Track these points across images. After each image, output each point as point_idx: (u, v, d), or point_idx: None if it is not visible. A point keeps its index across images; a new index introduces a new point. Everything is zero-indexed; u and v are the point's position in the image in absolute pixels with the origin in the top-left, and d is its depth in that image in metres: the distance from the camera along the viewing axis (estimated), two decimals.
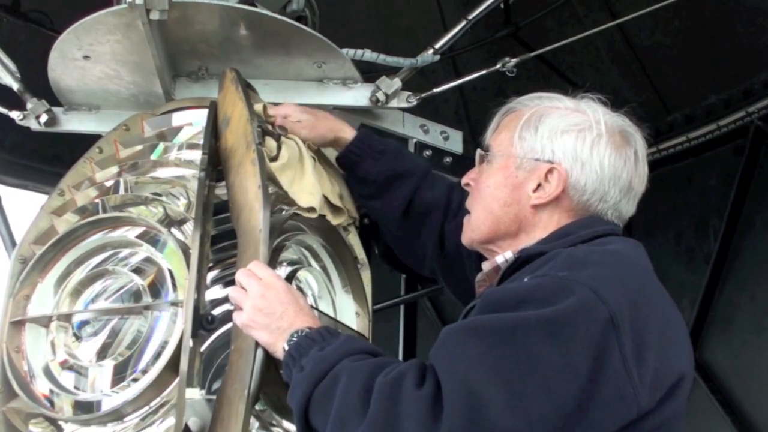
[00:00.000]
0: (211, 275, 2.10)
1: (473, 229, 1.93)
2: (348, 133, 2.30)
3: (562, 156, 1.81)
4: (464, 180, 2.01)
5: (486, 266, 1.93)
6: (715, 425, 4.25)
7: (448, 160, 2.61)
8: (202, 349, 2.00)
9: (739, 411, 4.23)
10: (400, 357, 5.01)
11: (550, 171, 1.81)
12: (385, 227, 2.35)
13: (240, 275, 1.84)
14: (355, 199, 2.37)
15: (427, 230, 2.26)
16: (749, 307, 4.28)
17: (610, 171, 1.81)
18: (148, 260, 2.09)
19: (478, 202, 1.93)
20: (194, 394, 1.87)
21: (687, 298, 4.38)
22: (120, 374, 1.98)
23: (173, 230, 2.10)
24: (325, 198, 2.20)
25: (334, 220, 2.23)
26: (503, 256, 1.86)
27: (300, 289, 2.20)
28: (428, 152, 2.60)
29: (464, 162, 2.60)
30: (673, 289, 1.79)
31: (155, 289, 2.04)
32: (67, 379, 2.03)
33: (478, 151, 1.97)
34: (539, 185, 1.83)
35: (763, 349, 4.18)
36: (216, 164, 2.17)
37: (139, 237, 2.11)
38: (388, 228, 2.34)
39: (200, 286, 1.99)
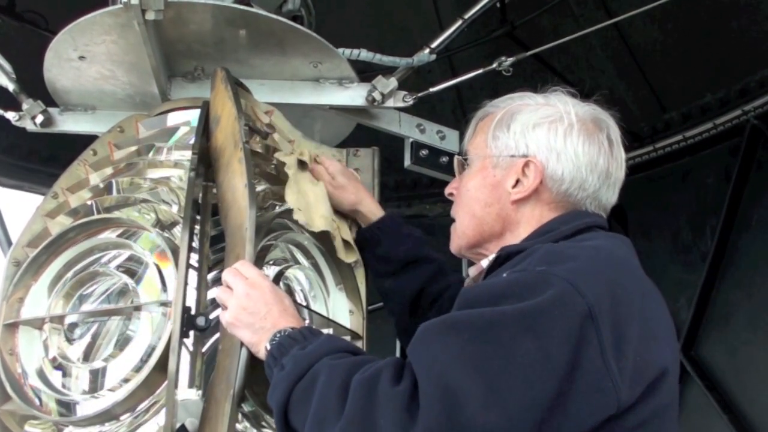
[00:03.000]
0: (211, 276, 2.09)
1: (459, 235, 1.94)
2: (373, 209, 2.27)
3: (536, 149, 1.83)
4: (447, 190, 2.03)
5: (472, 271, 1.94)
6: (712, 423, 4.25)
7: (445, 159, 2.61)
8: (204, 349, 2.00)
9: (736, 409, 4.24)
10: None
11: (526, 165, 1.83)
12: (392, 306, 2.31)
13: (226, 274, 1.84)
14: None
15: (432, 315, 2.24)
16: (746, 305, 4.28)
17: (586, 158, 1.82)
18: (139, 261, 2.09)
19: (460, 207, 1.95)
20: (191, 394, 1.87)
21: (684, 296, 4.39)
22: (111, 375, 1.98)
23: (167, 231, 2.10)
24: (343, 238, 2.18)
25: (347, 258, 2.20)
26: (488, 258, 1.86)
27: (289, 287, 2.20)
28: (425, 152, 2.59)
29: None
30: (669, 287, 1.80)
31: (147, 289, 2.04)
32: (61, 380, 2.03)
33: (457, 158, 2.00)
34: (518, 181, 1.84)
35: (759, 346, 4.19)
36: (209, 164, 2.17)
37: (130, 238, 2.11)
38: (396, 309, 2.30)
39: (200, 287, 2.00)
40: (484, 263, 1.86)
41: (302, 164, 2.22)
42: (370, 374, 1.51)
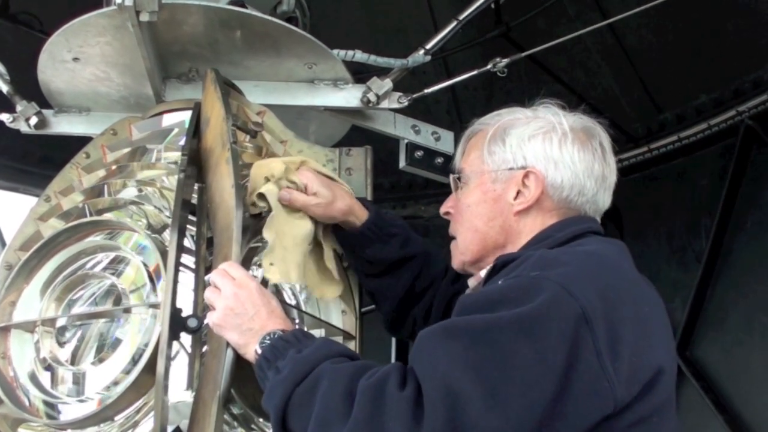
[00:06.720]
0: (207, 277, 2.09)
1: (462, 252, 1.96)
2: (359, 214, 2.20)
3: (534, 159, 1.88)
4: (443, 209, 2.04)
5: (472, 282, 1.96)
6: (707, 423, 4.26)
7: (440, 161, 2.60)
8: (203, 351, 1.99)
9: (731, 409, 4.25)
10: (392, 360, 5.00)
11: (526, 175, 1.87)
12: (381, 304, 2.31)
13: (214, 275, 1.84)
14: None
15: (419, 307, 2.26)
16: (741, 305, 4.29)
17: (582, 164, 1.87)
18: (130, 263, 2.09)
19: (461, 224, 1.97)
20: (185, 397, 1.86)
21: (679, 297, 4.40)
22: (101, 377, 1.98)
23: (158, 233, 2.10)
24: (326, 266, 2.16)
25: (325, 295, 2.17)
26: (486, 269, 1.87)
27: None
28: (419, 153, 2.59)
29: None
30: (665, 288, 1.81)
31: (138, 291, 2.04)
32: (51, 383, 2.02)
33: (452, 177, 2.02)
34: (519, 192, 1.88)
35: (754, 347, 4.20)
36: (200, 165, 2.17)
37: (122, 241, 2.11)
38: (385, 306, 2.30)
39: (197, 288, 1.99)
40: (483, 273, 1.88)
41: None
42: (377, 379, 1.54)
